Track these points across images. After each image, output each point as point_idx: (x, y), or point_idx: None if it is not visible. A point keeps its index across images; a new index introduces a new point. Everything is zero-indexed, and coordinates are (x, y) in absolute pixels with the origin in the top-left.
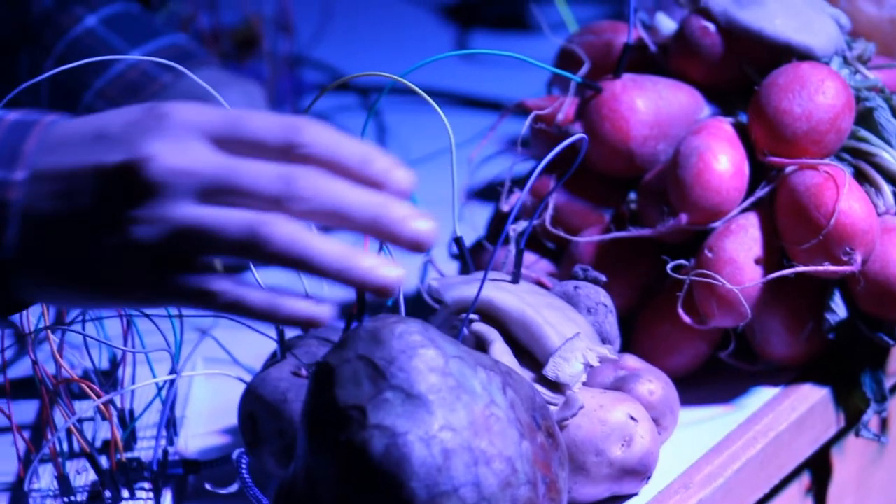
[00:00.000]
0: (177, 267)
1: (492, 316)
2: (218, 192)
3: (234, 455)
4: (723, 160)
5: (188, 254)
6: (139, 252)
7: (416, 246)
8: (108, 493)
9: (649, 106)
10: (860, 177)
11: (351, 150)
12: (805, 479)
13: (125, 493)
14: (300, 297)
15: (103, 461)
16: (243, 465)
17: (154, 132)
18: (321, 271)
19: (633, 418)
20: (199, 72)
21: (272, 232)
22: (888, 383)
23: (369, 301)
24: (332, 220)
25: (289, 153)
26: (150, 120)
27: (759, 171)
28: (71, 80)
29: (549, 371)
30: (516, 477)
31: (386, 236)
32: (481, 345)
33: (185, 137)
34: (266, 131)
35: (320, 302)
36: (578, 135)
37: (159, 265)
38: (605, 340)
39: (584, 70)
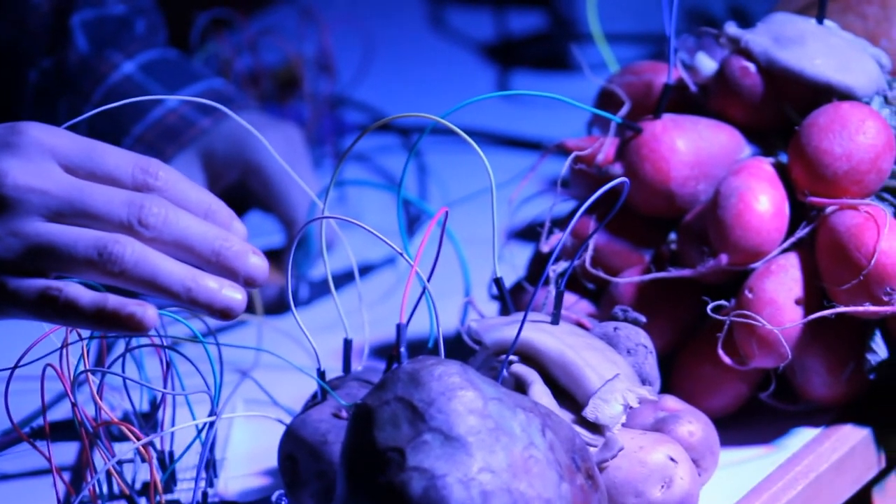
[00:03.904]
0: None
1: (531, 357)
2: (68, 212)
3: (274, 497)
4: (763, 200)
5: (37, 269)
6: None
7: (250, 281)
8: None
9: (689, 146)
10: None
11: (198, 199)
12: None
13: None
14: (129, 299)
15: (143, 503)
16: None
17: (9, 150)
18: (167, 291)
19: (672, 459)
20: (237, 115)
21: (120, 251)
22: None
23: (409, 341)
24: (176, 249)
25: (139, 191)
26: (7, 137)
27: (800, 212)
28: (110, 126)
29: (589, 412)
30: None
31: (225, 269)
32: (520, 386)
33: (40, 158)
34: (120, 168)
35: (145, 304)
36: (620, 178)
37: (3, 275)
38: (644, 381)
39: (624, 110)
